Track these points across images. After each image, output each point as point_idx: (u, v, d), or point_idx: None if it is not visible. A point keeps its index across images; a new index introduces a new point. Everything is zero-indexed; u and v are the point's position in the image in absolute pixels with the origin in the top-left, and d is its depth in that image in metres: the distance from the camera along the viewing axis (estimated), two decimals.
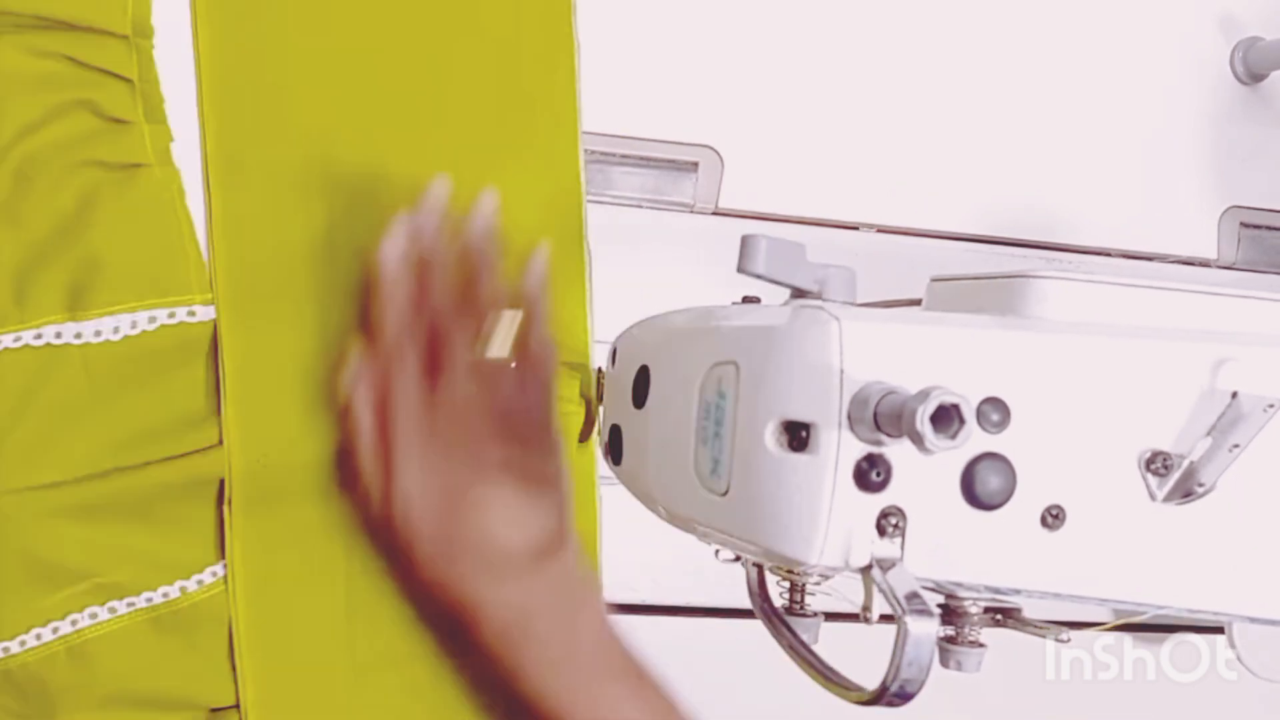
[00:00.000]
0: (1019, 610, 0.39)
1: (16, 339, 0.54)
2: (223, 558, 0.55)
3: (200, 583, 0.55)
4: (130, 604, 0.54)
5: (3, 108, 0.53)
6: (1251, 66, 0.74)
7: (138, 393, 0.55)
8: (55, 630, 0.53)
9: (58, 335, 0.54)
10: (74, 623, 0.53)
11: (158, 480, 0.56)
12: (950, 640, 0.36)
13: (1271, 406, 0.33)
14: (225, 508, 0.54)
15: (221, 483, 0.54)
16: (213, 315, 0.54)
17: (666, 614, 0.66)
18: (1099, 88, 0.73)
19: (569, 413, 0.58)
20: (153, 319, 0.54)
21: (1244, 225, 0.75)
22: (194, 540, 0.57)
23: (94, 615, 0.53)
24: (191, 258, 0.54)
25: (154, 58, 0.54)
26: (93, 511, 0.55)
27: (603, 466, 0.51)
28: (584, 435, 0.61)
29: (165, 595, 0.55)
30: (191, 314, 0.55)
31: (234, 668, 0.54)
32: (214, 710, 0.55)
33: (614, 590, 0.63)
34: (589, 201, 0.65)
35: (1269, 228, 0.76)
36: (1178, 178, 0.75)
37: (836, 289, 0.36)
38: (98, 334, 0.54)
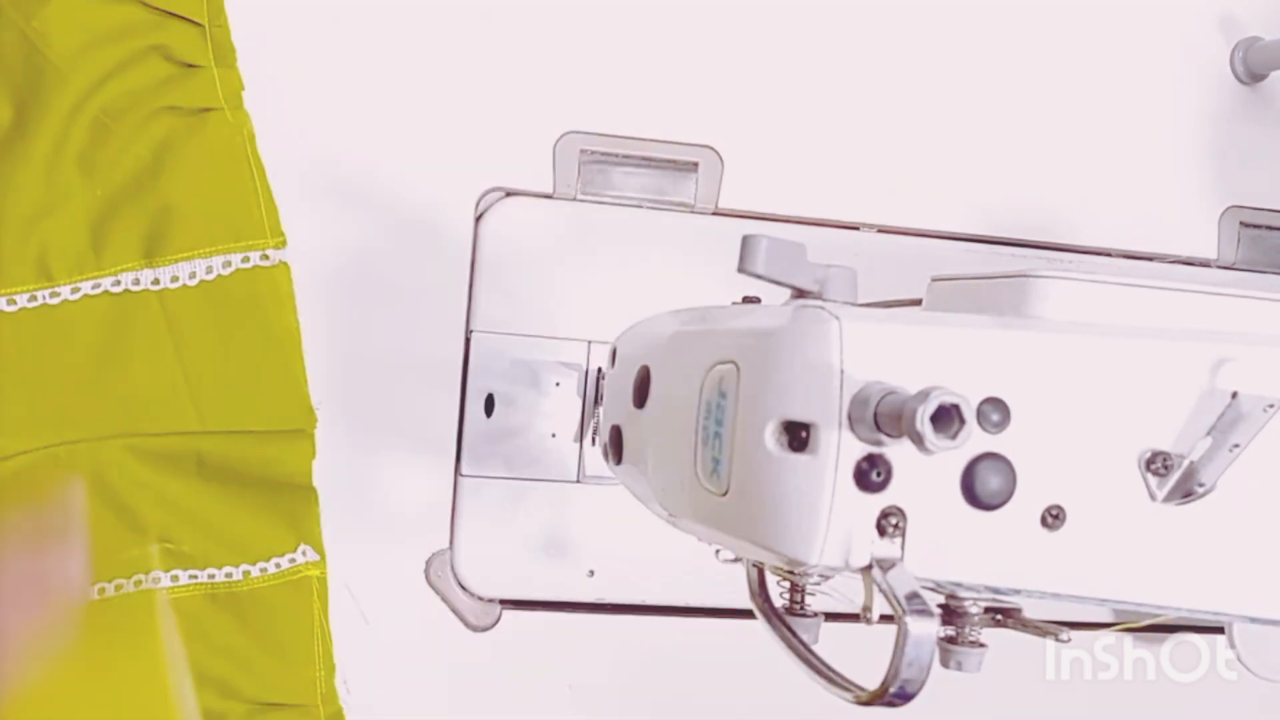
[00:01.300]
0: (1019, 610, 0.38)
1: (95, 285, 0.54)
2: (298, 546, 0.55)
3: (264, 570, 0.55)
4: (193, 576, 0.53)
5: (80, 58, 0.53)
6: (1251, 66, 0.74)
7: (218, 344, 0.55)
8: (137, 583, 0.53)
9: (135, 282, 0.54)
10: (138, 583, 0.53)
11: (244, 453, 0.55)
12: (950, 640, 0.36)
13: (1271, 406, 0.33)
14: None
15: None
16: (285, 257, 0.54)
17: (666, 614, 0.66)
18: (1099, 88, 0.73)
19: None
20: (227, 263, 0.55)
21: (1244, 225, 0.75)
22: (269, 524, 0.56)
23: (156, 580, 0.53)
24: (263, 201, 0.55)
25: (223, 3, 0.55)
26: (177, 468, 0.54)
27: (603, 466, 0.52)
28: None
29: (229, 575, 0.54)
30: (265, 258, 0.55)
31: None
32: (261, 705, 0.54)
33: (614, 590, 0.63)
34: (590, 202, 0.65)
35: (1269, 228, 0.76)
36: (1178, 178, 0.75)
37: (837, 289, 0.36)
38: (174, 280, 0.54)
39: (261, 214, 0.55)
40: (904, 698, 0.30)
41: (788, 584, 0.41)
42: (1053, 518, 0.33)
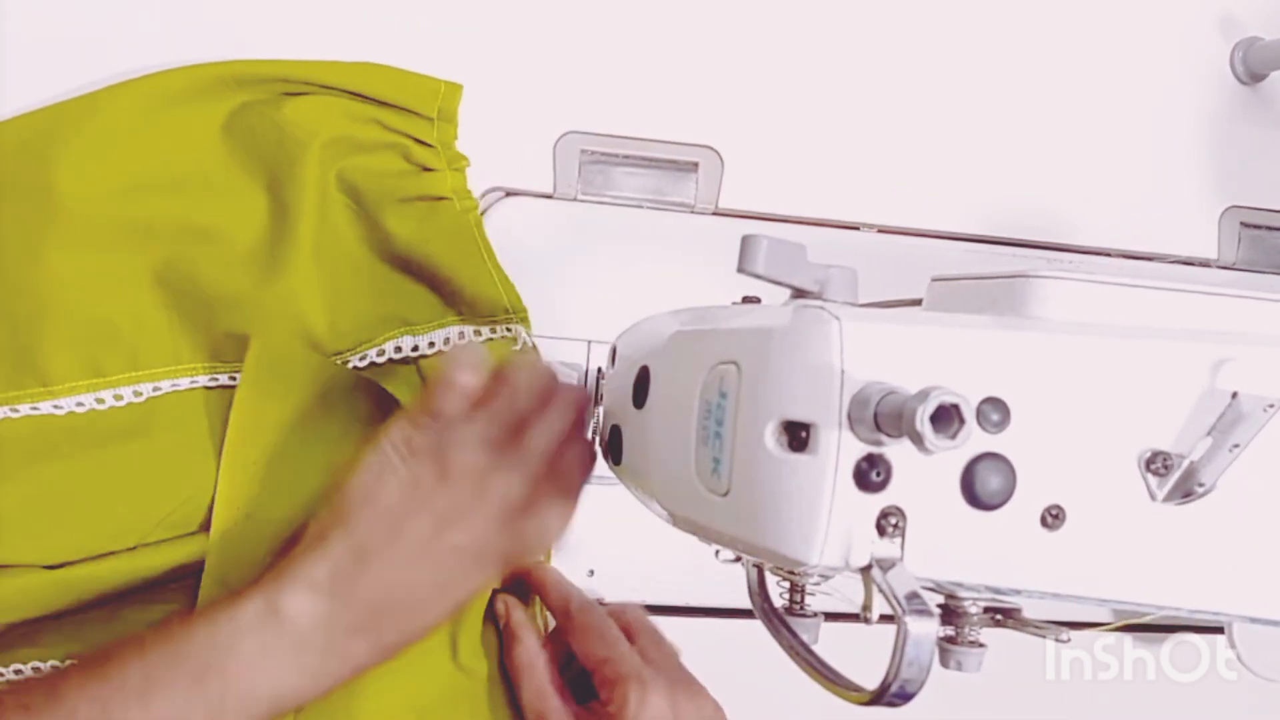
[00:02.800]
0: (1019, 610, 0.39)
1: (362, 358, 0.58)
2: None
3: None
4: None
5: (326, 138, 0.57)
6: (1251, 66, 0.74)
7: None
8: None
9: (397, 349, 0.59)
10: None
11: None
12: (950, 640, 0.36)
13: (1271, 406, 0.33)
14: None
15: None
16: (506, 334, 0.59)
17: (666, 614, 0.66)
18: (1099, 88, 0.73)
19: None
20: (478, 332, 0.59)
21: (1244, 225, 0.75)
22: None
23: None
24: (498, 281, 0.59)
25: (457, 107, 0.60)
26: None
27: (602, 466, 0.52)
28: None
29: None
30: (509, 330, 0.59)
31: None
32: None
33: (614, 590, 0.63)
34: (590, 202, 0.65)
35: (1269, 228, 0.76)
36: (1178, 178, 0.75)
37: (838, 289, 0.36)
38: (431, 345, 0.59)
39: (500, 291, 0.59)
40: (904, 698, 0.30)
41: (787, 584, 0.41)
42: (1053, 518, 0.33)
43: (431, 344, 0.59)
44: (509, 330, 0.59)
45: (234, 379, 0.56)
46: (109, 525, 0.54)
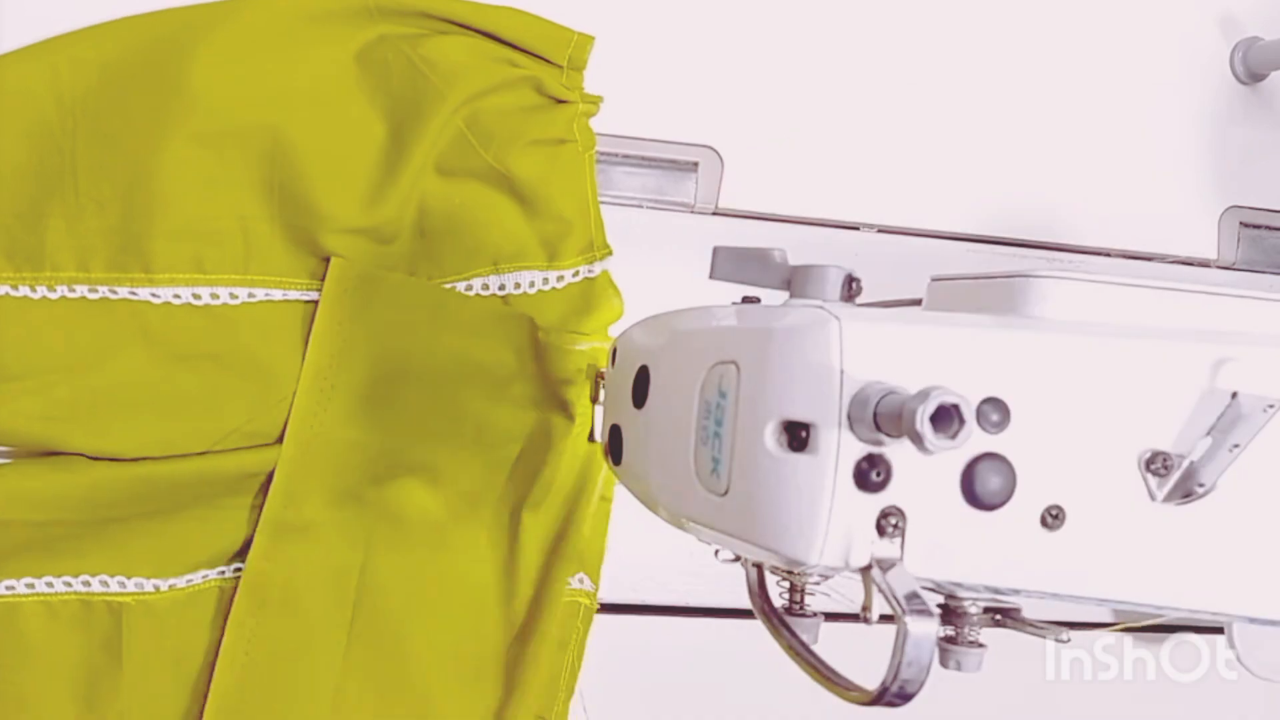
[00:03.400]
0: (1019, 610, 0.38)
1: (468, 286, 0.60)
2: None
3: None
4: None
5: (459, 78, 0.58)
6: (1251, 66, 0.74)
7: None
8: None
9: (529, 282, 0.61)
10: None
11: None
12: (950, 640, 0.36)
13: (1271, 406, 0.33)
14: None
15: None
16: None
17: (666, 614, 0.66)
18: (1099, 88, 0.73)
19: (583, 411, 0.60)
20: (575, 273, 0.62)
21: (1244, 225, 0.75)
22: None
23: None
24: (594, 219, 0.61)
25: (587, 54, 0.61)
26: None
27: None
28: (593, 435, 0.62)
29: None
30: (591, 270, 0.61)
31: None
32: None
33: (614, 590, 0.63)
34: None
35: (1269, 228, 0.76)
36: (1178, 178, 0.75)
37: (815, 287, 0.36)
38: (545, 281, 0.61)
39: (595, 229, 0.61)
40: (904, 697, 0.30)
41: (787, 584, 0.41)
42: (1052, 518, 0.33)
43: (517, 284, 0.60)
44: (590, 270, 0.61)
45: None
46: (187, 425, 0.56)
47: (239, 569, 0.57)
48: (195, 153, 0.55)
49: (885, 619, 0.31)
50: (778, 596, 0.42)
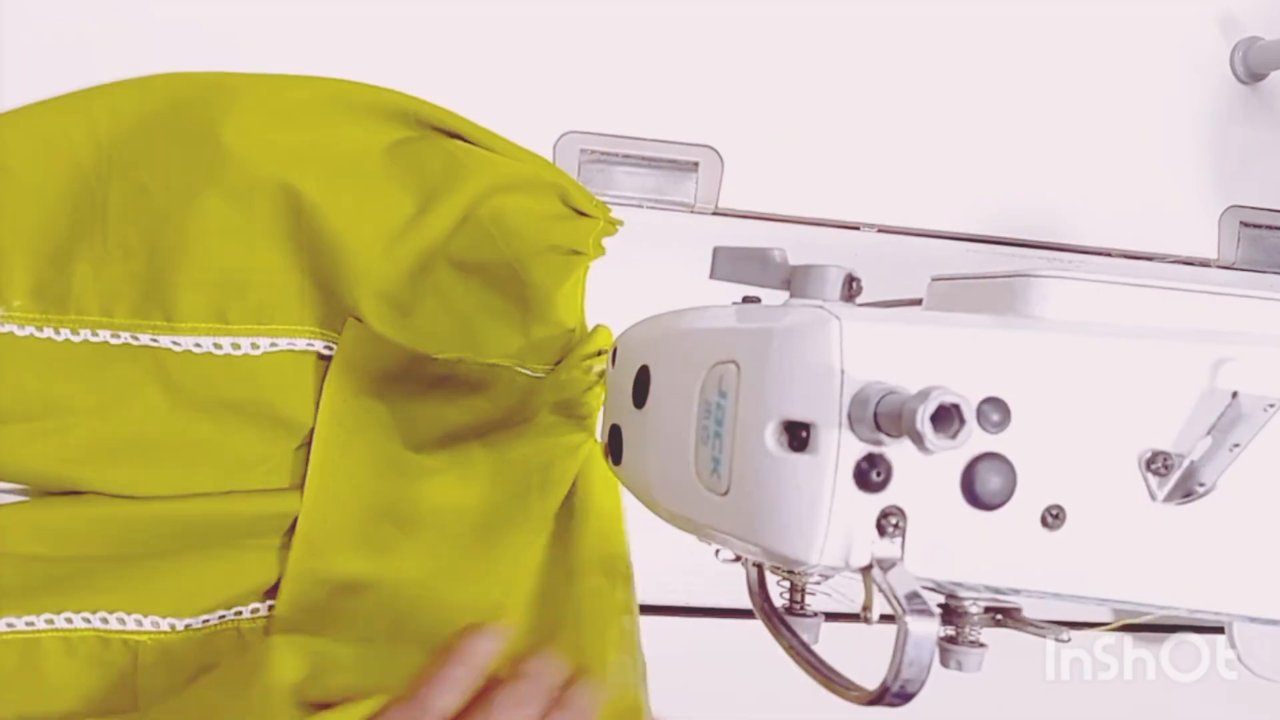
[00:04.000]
0: (1019, 610, 0.38)
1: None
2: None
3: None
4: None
5: (492, 166, 0.59)
6: (1251, 66, 0.74)
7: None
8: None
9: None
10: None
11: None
12: (950, 640, 0.36)
13: (1271, 406, 0.33)
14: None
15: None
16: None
17: (666, 614, 0.66)
18: (1099, 88, 0.73)
19: (587, 455, 0.61)
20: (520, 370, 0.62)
21: (1244, 225, 0.75)
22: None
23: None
24: (581, 325, 0.62)
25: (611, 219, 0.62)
26: None
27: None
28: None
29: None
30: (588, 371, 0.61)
31: None
32: None
33: None
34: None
35: (1269, 227, 0.76)
36: (1178, 178, 0.75)
37: (815, 287, 0.36)
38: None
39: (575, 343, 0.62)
40: (904, 697, 0.30)
41: (787, 584, 0.41)
42: (1053, 518, 0.33)
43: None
44: (539, 374, 0.61)
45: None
46: (204, 471, 0.56)
47: (255, 609, 0.58)
48: (224, 205, 0.55)
49: (885, 619, 0.31)
50: (778, 596, 0.42)
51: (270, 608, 0.58)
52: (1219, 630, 0.70)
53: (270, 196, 0.56)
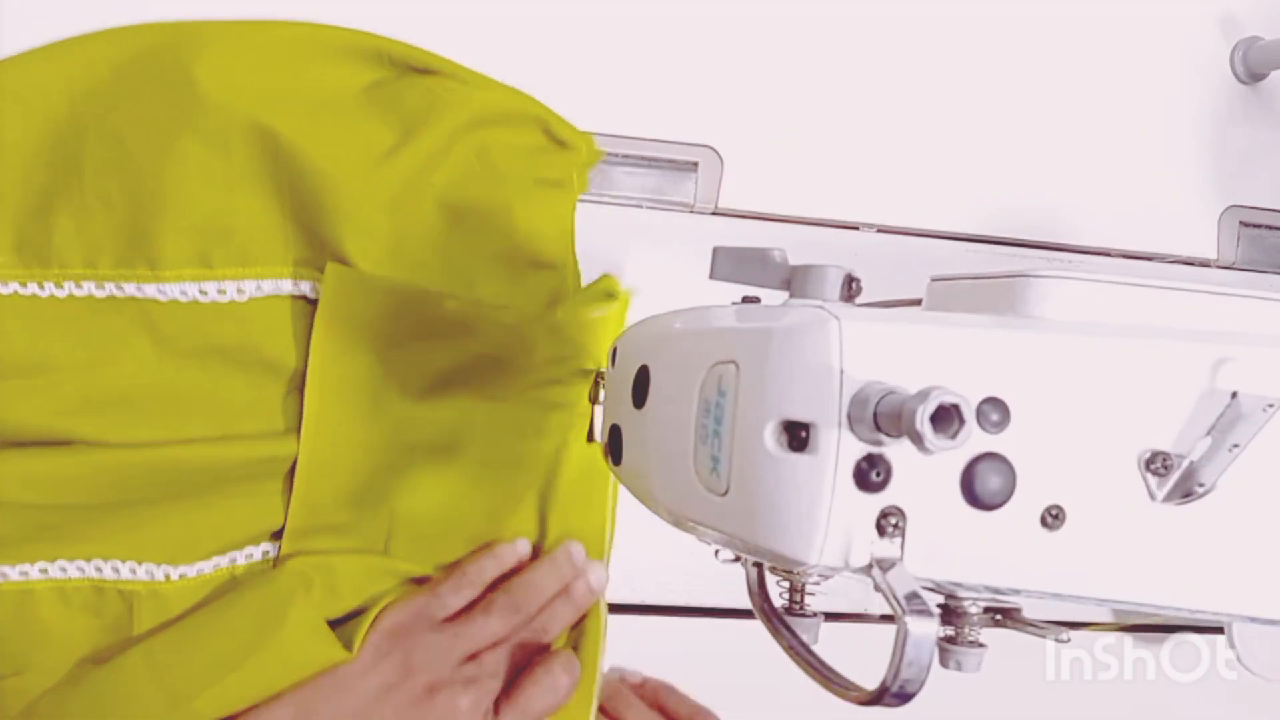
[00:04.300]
0: (1019, 610, 0.38)
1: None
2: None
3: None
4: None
5: (474, 101, 0.59)
6: (1251, 66, 0.74)
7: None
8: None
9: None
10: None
11: None
12: (950, 640, 0.36)
13: (1271, 406, 0.33)
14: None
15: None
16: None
17: (667, 614, 0.66)
18: (1099, 88, 0.73)
19: (582, 414, 0.60)
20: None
21: (1244, 225, 0.75)
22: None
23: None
24: (572, 266, 0.62)
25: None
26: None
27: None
28: (591, 435, 0.62)
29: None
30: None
31: None
32: None
33: (613, 590, 0.63)
34: (590, 202, 0.65)
35: (1269, 227, 0.76)
36: (1178, 178, 0.75)
37: (815, 287, 0.36)
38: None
39: (577, 279, 0.62)
40: (903, 698, 0.30)
41: (787, 584, 0.41)
42: (1053, 518, 0.33)
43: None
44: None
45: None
46: (196, 418, 0.56)
47: (250, 554, 0.57)
48: (201, 150, 0.55)
49: (885, 619, 0.31)
50: (778, 596, 0.42)
51: (265, 553, 0.58)
52: (1219, 630, 0.70)
53: (247, 139, 0.55)
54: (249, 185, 0.56)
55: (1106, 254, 0.73)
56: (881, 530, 0.32)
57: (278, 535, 0.58)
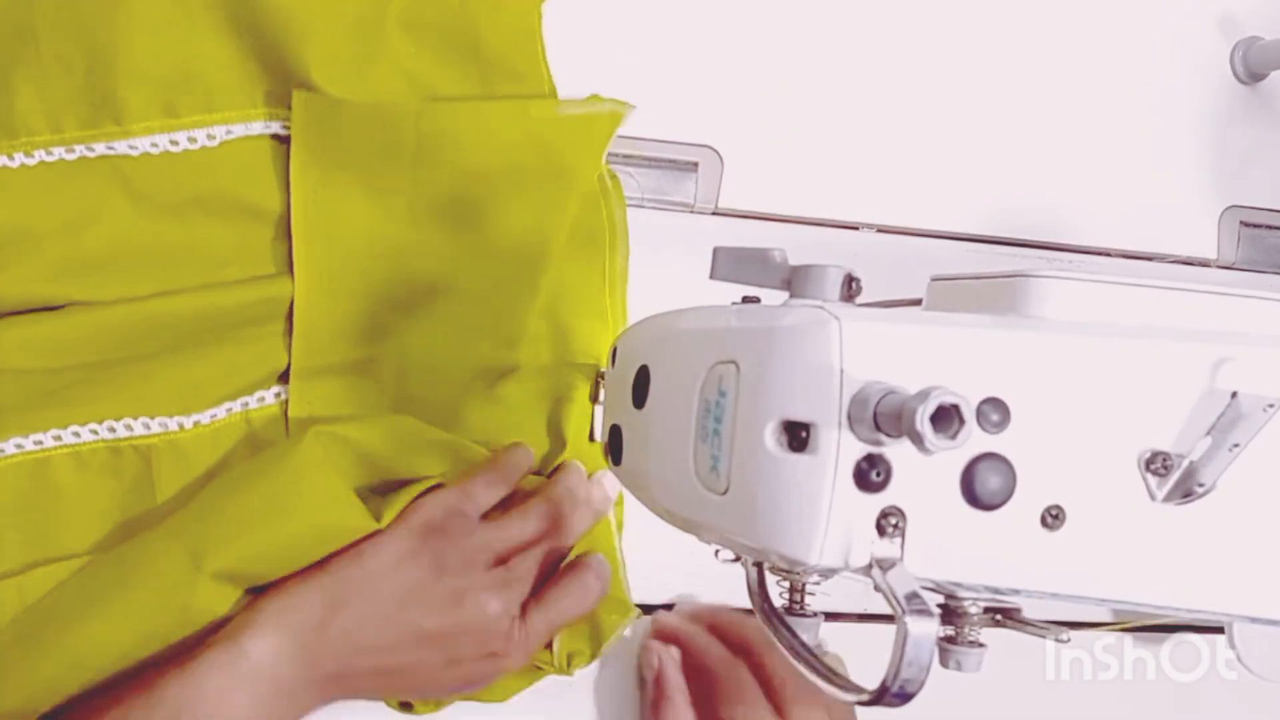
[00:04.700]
0: (1019, 610, 0.39)
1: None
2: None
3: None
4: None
5: None
6: (1251, 66, 0.74)
7: None
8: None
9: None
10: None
11: None
12: (950, 640, 0.36)
13: (1271, 406, 0.33)
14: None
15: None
16: None
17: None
18: (1099, 88, 0.73)
19: (583, 412, 0.60)
20: None
21: (1244, 225, 0.75)
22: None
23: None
24: (546, 85, 0.61)
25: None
26: None
27: None
28: (591, 435, 0.62)
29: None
30: None
31: None
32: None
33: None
34: None
35: (1269, 227, 0.76)
36: (1178, 178, 0.75)
37: (815, 287, 0.36)
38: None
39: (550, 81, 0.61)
40: (904, 698, 0.30)
41: (787, 584, 0.41)
42: (1053, 518, 0.33)
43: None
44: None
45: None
46: (183, 271, 0.55)
47: (261, 398, 0.57)
48: None
49: (885, 619, 0.31)
50: (778, 596, 0.42)
51: (277, 395, 0.58)
52: (1219, 630, 0.70)
53: None
54: (208, 28, 0.55)
55: (1106, 254, 0.73)
56: (881, 530, 0.32)
57: (285, 378, 0.58)
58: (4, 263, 0.53)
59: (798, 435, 0.32)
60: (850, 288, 0.37)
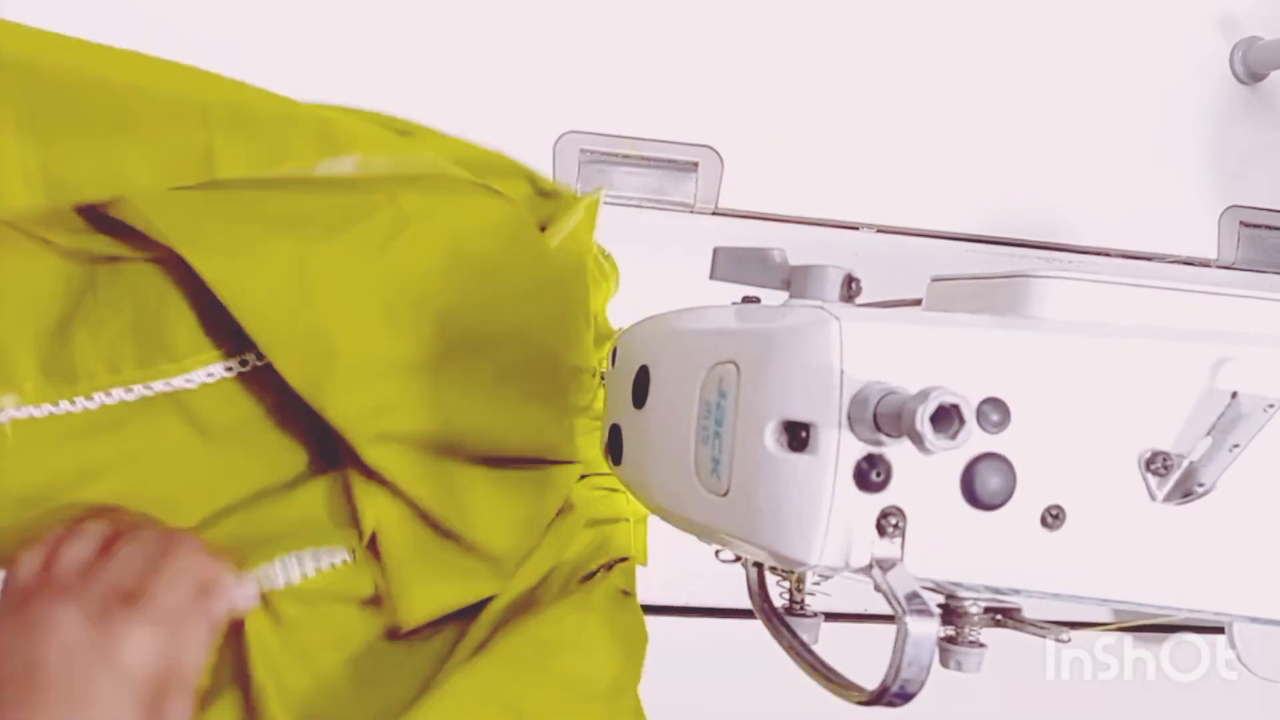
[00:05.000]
0: (1019, 610, 0.38)
1: None
2: None
3: None
4: None
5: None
6: (1251, 66, 0.74)
7: None
8: None
9: None
10: None
11: None
12: (950, 640, 0.36)
13: (1271, 406, 0.33)
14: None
15: None
16: None
17: (667, 614, 0.66)
18: (1099, 88, 0.73)
19: (594, 427, 0.60)
20: None
21: (1244, 225, 0.75)
22: None
23: None
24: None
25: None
26: None
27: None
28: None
29: None
30: None
31: None
32: None
33: None
34: None
35: (1269, 227, 0.76)
36: (1178, 178, 0.75)
37: (816, 287, 0.36)
38: None
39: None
40: (904, 697, 0.30)
41: (787, 584, 0.41)
42: (1053, 518, 0.33)
43: None
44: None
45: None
46: (244, 486, 0.56)
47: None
48: None
49: (885, 619, 0.31)
50: (778, 596, 0.42)
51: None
52: (1219, 630, 0.70)
53: None
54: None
55: (1106, 254, 0.73)
56: (881, 530, 0.32)
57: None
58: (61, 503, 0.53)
59: (798, 435, 0.32)
60: (850, 288, 0.37)
